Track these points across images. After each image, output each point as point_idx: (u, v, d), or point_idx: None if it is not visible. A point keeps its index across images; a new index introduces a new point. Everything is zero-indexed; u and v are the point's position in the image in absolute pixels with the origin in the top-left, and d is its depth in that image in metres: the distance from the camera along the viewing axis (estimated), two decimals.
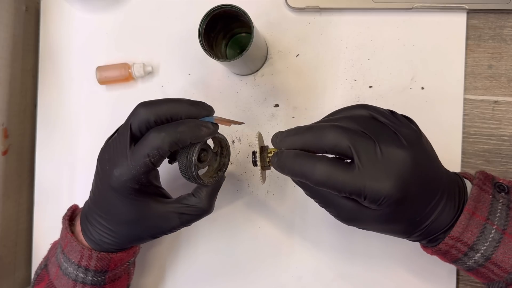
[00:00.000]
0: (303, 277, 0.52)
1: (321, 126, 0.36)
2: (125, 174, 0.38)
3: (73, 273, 0.43)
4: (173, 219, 0.42)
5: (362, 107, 0.38)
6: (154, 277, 0.55)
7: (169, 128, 0.38)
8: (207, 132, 0.40)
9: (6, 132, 0.57)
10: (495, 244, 0.36)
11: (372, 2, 0.51)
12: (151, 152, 0.38)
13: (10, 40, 0.57)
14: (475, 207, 0.37)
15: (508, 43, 0.50)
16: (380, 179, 0.33)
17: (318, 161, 0.35)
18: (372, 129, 0.35)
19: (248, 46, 0.44)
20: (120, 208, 0.41)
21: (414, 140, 0.35)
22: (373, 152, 0.34)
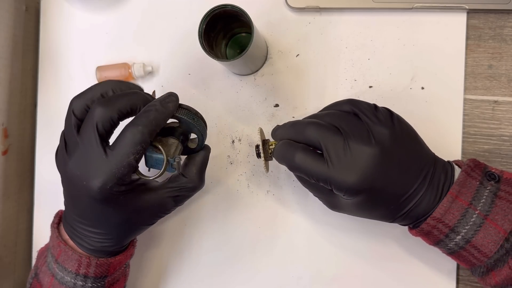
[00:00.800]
0: (303, 277, 0.52)
1: (302, 122, 0.41)
2: (110, 180, 0.37)
3: (70, 281, 0.42)
4: (168, 203, 0.43)
5: (348, 102, 0.42)
6: (152, 277, 0.55)
7: (142, 120, 0.37)
8: (174, 105, 0.40)
9: (6, 132, 0.57)
10: (475, 228, 0.38)
11: (372, 2, 0.51)
12: (134, 150, 0.37)
13: (10, 40, 0.57)
14: (459, 191, 0.38)
15: (508, 43, 0.50)
16: (343, 172, 0.38)
17: (296, 149, 0.40)
18: (346, 126, 0.39)
19: (248, 46, 0.44)
20: (112, 215, 0.40)
21: (384, 138, 0.38)
22: (341, 148, 0.38)
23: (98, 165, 0.37)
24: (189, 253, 0.55)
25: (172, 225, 0.55)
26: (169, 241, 0.55)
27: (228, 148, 0.54)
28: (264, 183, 0.53)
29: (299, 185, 0.52)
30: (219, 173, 0.54)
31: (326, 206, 0.44)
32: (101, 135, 0.37)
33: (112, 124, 0.38)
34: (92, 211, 0.40)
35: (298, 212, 0.53)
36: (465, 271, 0.49)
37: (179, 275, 0.55)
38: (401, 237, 0.50)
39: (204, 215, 0.54)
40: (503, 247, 0.38)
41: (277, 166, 0.53)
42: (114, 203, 0.39)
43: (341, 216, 0.51)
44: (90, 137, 0.37)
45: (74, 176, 0.38)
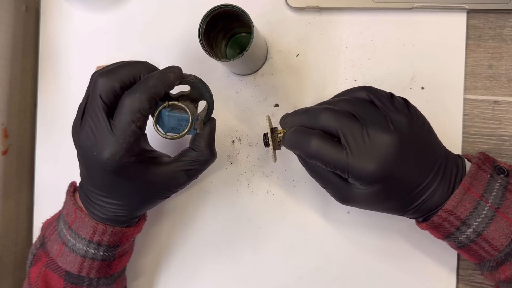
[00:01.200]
0: (303, 277, 0.52)
1: (316, 108, 0.39)
2: (118, 151, 0.37)
3: (82, 249, 0.43)
4: (180, 177, 0.43)
5: (363, 89, 0.40)
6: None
7: (140, 87, 0.38)
8: (175, 76, 0.40)
9: (6, 132, 0.57)
10: (487, 220, 0.37)
11: (372, 2, 0.51)
12: (134, 117, 0.37)
13: (10, 40, 0.57)
14: (471, 184, 0.38)
15: (508, 43, 0.50)
16: (362, 160, 0.36)
17: (312, 135, 0.38)
18: (363, 113, 0.38)
19: (248, 46, 0.44)
20: (125, 185, 0.40)
21: (402, 126, 0.37)
22: (359, 135, 0.37)
23: (105, 137, 0.37)
24: (188, 252, 0.55)
25: (172, 224, 0.55)
26: (169, 241, 0.55)
27: (228, 148, 0.54)
28: (264, 183, 0.53)
29: (299, 185, 0.52)
30: (219, 173, 0.54)
31: (335, 199, 0.43)
32: (105, 106, 0.38)
33: (115, 94, 0.38)
34: (105, 181, 0.40)
35: (298, 212, 0.53)
36: (466, 270, 0.49)
37: (178, 275, 0.55)
38: (401, 238, 0.50)
39: (204, 215, 0.54)
40: None
41: (277, 166, 0.53)
42: (126, 173, 0.39)
43: (341, 217, 0.52)
44: (95, 109, 0.38)
45: (86, 147, 0.39)
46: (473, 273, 0.49)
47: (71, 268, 0.44)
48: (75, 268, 0.44)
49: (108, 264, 0.45)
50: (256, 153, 0.54)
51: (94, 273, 0.44)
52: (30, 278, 0.46)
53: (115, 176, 0.39)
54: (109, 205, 0.42)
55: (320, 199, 0.52)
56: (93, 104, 0.38)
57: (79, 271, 0.44)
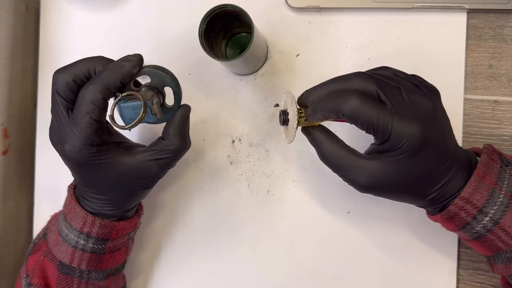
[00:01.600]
0: (303, 277, 0.52)
1: (347, 75, 0.38)
2: (77, 143, 0.38)
3: (73, 239, 0.44)
4: (151, 167, 0.42)
5: (384, 68, 0.40)
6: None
7: (93, 79, 0.39)
8: (131, 64, 0.39)
9: (6, 132, 0.57)
10: (503, 208, 0.37)
11: (372, 2, 0.51)
12: (88, 109, 0.38)
13: (10, 40, 0.57)
14: (484, 172, 0.38)
15: (508, 43, 0.50)
16: (406, 118, 0.35)
17: (351, 93, 0.36)
18: (396, 81, 0.37)
19: (248, 46, 0.44)
20: (96, 176, 0.41)
21: (435, 94, 0.38)
22: (399, 95, 0.36)
23: (65, 130, 0.39)
24: (189, 252, 0.55)
25: (172, 225, 0.55)
26: (169, 241, 0.55)
27: (228, 148, 0.54)
28: (264, 183, 0.53)
29: (299, 185, 0.52)
30: (219, 173, 0.54)
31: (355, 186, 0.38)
32: (63, 100, 0.39)
33: (71, 88, 0.39)
34: (79, 174, 0.42)
35: (298, 212, 0.53)
36: (466, 270, 0.50)
37: (178, 275, 0.55)
38: (401, 238, 0.50)
39: (204, 215, 0.54)
40: None
41: (277, 166, 0.53)
42: (93, 165, 0.40)
43: (341, 217, 0.52)
44: (54, 104, 0.40)
45: (54, 143, 0.41)
46: (473, 273, 0.49)
47: (64, 258, 0.44)
48: (67, 259, 0.44)
49: (98, 257, 0.45)
50: (256, 153, 0.54)
51: (84, 265, 0.44)
52: (27, 265, 0.46)
53: (83, 168, 0.40)
54: (94, 200, 0.43)
55: (321, 199, 0.52)
56: (53, 100, 0.40)
57: (71, 262, 0.44)
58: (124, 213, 0.45)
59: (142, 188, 0.44)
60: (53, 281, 0.45)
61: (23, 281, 0.46)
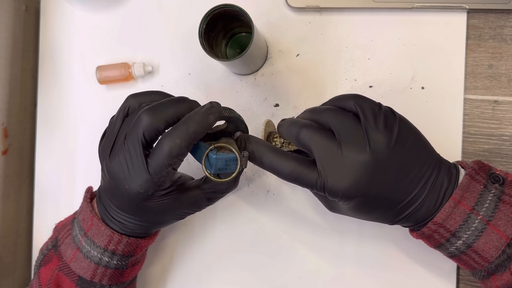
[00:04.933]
0: (303, 277, 0.52)
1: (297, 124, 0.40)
2: (151, 187, 0.38)
3: (97, 256, 0.43)
4: (202, 202, 0.44)
5: (353, 98, 0.40)
6: (154, 272, 0.55)
7: (181, 132, 0.37)
8: (215, 117, 0.39)
9: (6, 132, 0.57)
10: (477, 233, 0.37)
11: (372, 2, 0.51)
12: (172, 162, 0.37)
13: (10, 40, 0.57)
14: (462, 196, 0.38)
15: (508, 43, 0.50)
16: (336, 178, 0.37)
17: (287, 158, 0.40)
18: (343, 130, 0.38)
19: (248, 46, 0.44)
20: (150, 209, 0.41)
21: (380, 146, 0.37)
22: (334, 154, 0.37)
23: (140, 174, 0.37)
24: (188, 252, 0.55)
25: (172, 225, 0.55)
26: (169, 241, 0.55)
27: None
28: (264, 183, 0.53)
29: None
30: None
31: (325, 208, 0.44)
32: (145, 143, 0.38)
33: (158, 133, 0.38)
34: (131, 206, 0.41)
35: (298, 212, 0.53)
36: (466, 271, 0.49)
37: (178, 273, 0.55)
38: (401, 238, 0.50)
39: (204, 215, 0.54)
40: (504, 252, 0.37)
41: None
42: (154, 202, 0.40)
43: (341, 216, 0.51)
44: (135, 144, 0.38)
45: (117, 178, 0.39)
46: None
47: (84, 274, 0.44)
48: (88, 274, 0.44)
49: (121, 272, 0.45)
50: None
51: (106, 280, 0.44)
52: (40, 278, 0.46)
53: (143, 202, 0.40)
54: (129, 223, 0.42)
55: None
56: (134, 139, 0.38)
57: (92, 278, 0.44)
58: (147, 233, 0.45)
59: (180, 219, 0.45)
60: None
61: None
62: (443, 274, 0.49)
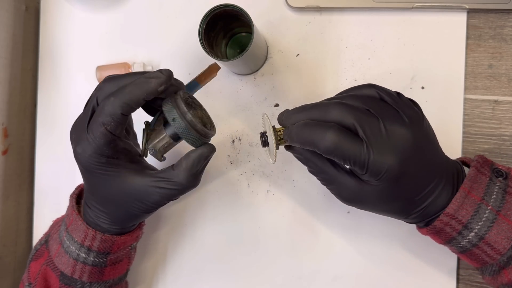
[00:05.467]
0: (303, 277, 0.52)
1: (327, 103, 0.37)
2: (87, 149, 0.38)
3: (74, 252, 0.43)
4: (152, 193, 0.40)
5: (370, 86, 0.39)
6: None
7: (118, 91, 0.37)
8: (157, 81, 0.37)
9: (6, 132, 0.57)
10: (489, 224, 0.37)
11: (373, 2, 0.51)
12: (105, 120, 0.37)
13: (10, 40, 0.57)
14: (471, 187, 0.38)
15: (508, 42, 0.50)
16: (383, 153, 0.35)
17: (328, 129, 0.36)
18: (376, 108, 0.36)
19: (248, 46, 0.44)
20: (99, 185, 0.41)
21: (416, 120, 0.37)
22: (377, 128, 0.35)
23: (82, 134, 0.39)
24: (189, 252, 0.55)
25: (172, 224, 0.55)
26: (169, 240, 0.55)
27: (228, 148, 0.54)
28: (264, 183, 0.53)
29: (299, 185, 0.52)
30: (219, 173, 0.54)
31: (338, 199, 0.41)
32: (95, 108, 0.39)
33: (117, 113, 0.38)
34: (86, 179, 0.42)
35: (298, 212, 0.53)
36: (466, 270, 0.49)
37: (178, 275, 0.55)
38: (401, 238, 0.50)
39: (204, 215, 0.54)
40: None
41: (277, 166, 0.53)
42: (99, 175, 0.40)
43: (341, 216, 0.52)
44: (88, 107, 0.39)
45: (71, 139, 0.41)
46: (473, 273, 0.49)
47: (65, 269, 0.44)
48: (68, 270, 0.44)
49: (100, 270, 0.44)
50: (256, 153, 0.54)
51: (86, 277, 0.44)
52: (29, 272, 0.46)
53: (89, 174, 0.40)
54: (94, 209, 0.42)
55: (320, 199, 0.52)
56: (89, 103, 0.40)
57: (72, 273, 0.44)
58: (122, 229, 0.44)
59: (140, 211, 0.42)
60: None
61: None
62: (443, 274, 0.49)
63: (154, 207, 0.42)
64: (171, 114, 0.39)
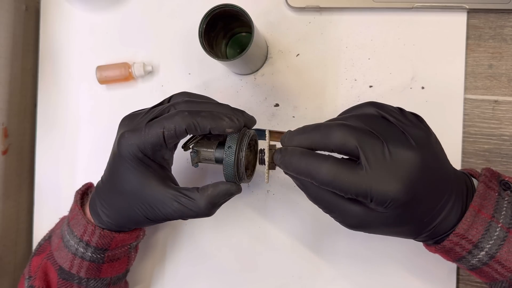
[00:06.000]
0: (303, 276, 0.52)
1: (329, 124, 0.36)
2: (134, 138, 0.39)
3: (73, 246, 0.44)
4: (168, 204, 0.39)
5: (371, 105, 0.37)
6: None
7: (194, 111, 0.38)
8: (228, 124, 0.38)
9: (6, 132, 0.57)
10: (499, 242, 0.36)
11: (373, 2, 0.51)
12: (168, 126, 0.38)
13: (10, 40, 0.57)
14: (481, 204, 0.36)
15: (508, 42, 0.50)
16: (387, 181, 0.33)
17: (324, 160, 0.34)
18: (380, 129, 0.35)
19: (249, 46, 0.44)
20: (121, 176, 0.40)
21: (423, 141, 0.35)
22: (381, 153, 0.33)
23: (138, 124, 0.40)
24: (189, 252, 0.55)
25: (172, 224, 0.55)
26: (168, 241, 0.55)
27: None
28: (264, 183, 0.53)
29: None
30: (219, 173, 0.54)
31: (343, 225, 0.39)
32: None
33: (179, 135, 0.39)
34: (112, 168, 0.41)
35: (298, 212, 0.52)
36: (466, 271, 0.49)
37: (178, 275, 0.55)
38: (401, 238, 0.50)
39: None
40: None
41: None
42: (126, 162, 0.40)
43: None
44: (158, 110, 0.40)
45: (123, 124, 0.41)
46: None
47: (64, 263, 0.44)
48: (66, 265, 0.44)
49: (97, 266, 0.44)
50: None
51: (83, 272, 0.44)
52: (31, 266, 0.47)
53: (119, 162, 0.40)
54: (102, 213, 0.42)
55: None
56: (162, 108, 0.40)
57: (70, 268, 0.44)
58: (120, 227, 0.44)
59: (145, 216, 0.41)
60: (54, 285, 0.45)
61: (26, 281, 0.46)
62: (443, 274, 0.49)
63: (161, 218, 0.41)
64: (230, 142, 0.40)
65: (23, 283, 0.46)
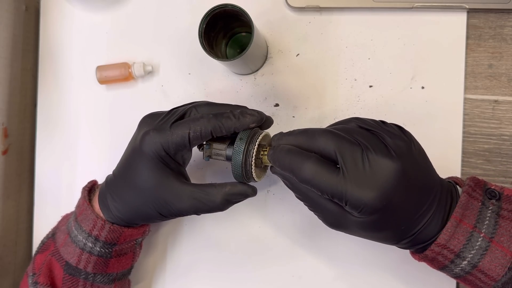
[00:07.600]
0: (303, 276, 0.52)
1: (315, 129, 0.38)
2: (159, 137, 0.40)
3: (81, 241, 0.44)
4: (185, 201, 0.41)
5: (353, 119, 0.39)
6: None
7: (218, 114, 0.40)
8: (250, 119, 0.40)
9: (6, 132, 0.57)
10: (482, 252, 0.36)
11: (373, 2, 0.51)
12: (194, 128, 0.39)
13: (10, 40, 0.57)
14: (462, 215, 0.37)
15: (508, 42, 0.50)
16: (363, 187, 0.34)
17: (307, 158, 0.36)
18: (361, 138, 0.36)
19: (248, 46, 0.44)
20: (138, 171, 0.41)
21: (402, 151, 0.36)
22: (359, 159, 0.35)
23: (164, 124, 0.41)
24: (189, 252, 0.55)
25: (172, 224, 0.55)
26: (168, 241, 0.55)
27: None
28: (264, 183, 0.53)
29: None
30: (219, 173, 0.54)
31: (324, 224, 0.41)
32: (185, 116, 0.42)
33: None
34: (129, 162, 0.42)
35: (298, 212, 0.52)
36: None
37: (178, 275, 0.55)
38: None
39: (204, 215, 0.54)
40: (510, 269, 0.36)
41: None
42: (148, 161, 0.40)
43: None
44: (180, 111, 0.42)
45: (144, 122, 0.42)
46: None
47: (71, 259, 0.44)
48: (73, 260, 0.44)
49: (105, 261, 0.45)
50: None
51: (91, 267, 0.44)
52: (34, 264, 0.47)
53: (139, 157, 0.41)
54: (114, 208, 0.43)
55: None
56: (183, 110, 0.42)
57: (77, 263, 0.44)
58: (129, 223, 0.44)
59: (158, 212, 0.42)
60: (59, 281, 0.45)
61: (30, 279, 0.46)
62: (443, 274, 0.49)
63: (174, 213, 0.42)
64: (240, 143, 0.41)
65: (26, 281, 0.46)
